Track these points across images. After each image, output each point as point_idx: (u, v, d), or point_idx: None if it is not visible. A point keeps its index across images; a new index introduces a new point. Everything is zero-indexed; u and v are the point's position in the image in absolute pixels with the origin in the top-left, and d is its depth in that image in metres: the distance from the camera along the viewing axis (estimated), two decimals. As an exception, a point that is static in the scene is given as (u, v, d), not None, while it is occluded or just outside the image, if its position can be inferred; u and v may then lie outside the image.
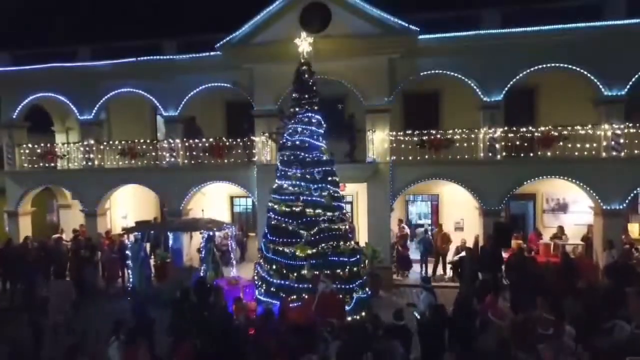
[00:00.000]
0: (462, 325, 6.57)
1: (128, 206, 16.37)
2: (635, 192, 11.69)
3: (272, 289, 8.80)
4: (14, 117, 14.71)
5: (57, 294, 9.42)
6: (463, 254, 11.62)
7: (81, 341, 5.75)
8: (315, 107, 9.48)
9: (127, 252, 11.51)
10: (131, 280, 11.35)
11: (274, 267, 8.87)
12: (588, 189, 11.72)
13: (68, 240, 14.07)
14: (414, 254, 13.90)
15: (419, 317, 7.40)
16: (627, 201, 11.60)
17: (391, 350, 5.72)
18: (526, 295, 8.03)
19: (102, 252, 12.78)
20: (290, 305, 8.11)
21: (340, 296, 8.21)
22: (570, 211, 13.57)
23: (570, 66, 11.63)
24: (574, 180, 11.82)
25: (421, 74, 12.35)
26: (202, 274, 10.76)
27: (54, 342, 8.40)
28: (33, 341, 7.15)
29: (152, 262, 12.53)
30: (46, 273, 12.06)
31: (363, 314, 8.49)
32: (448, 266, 12.53)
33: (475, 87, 12.15)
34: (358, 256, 9.33)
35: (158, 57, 13.50)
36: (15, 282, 11.48)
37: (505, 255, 11.33)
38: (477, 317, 6.99)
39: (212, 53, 12.89)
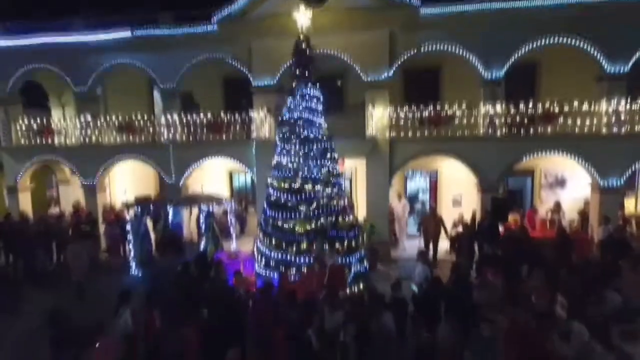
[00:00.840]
0: (459, 295, 6.71)
1: (127, 181, 16.38)
2: (633, 168, 11.73)
3: (271, 263, 8.94)
4: (8, 91, 14.50)
5: (74, 258, 10.27)
6: (460, 229, 11.80)
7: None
8: (314, 83, 9.39)
9: (128, 227, 11.60)
10: (132, 254, 11.49)
11: (273, 241, 8.99)
12: (587, 165, 11.76)
13: (67, 215, 14.16)
14: (412, 228, 14.13)
15: (416, 289, 7.56)
16: (624, 177, 11.67)
17: (381, 326, 5.87)
18: (521, 268, 8.20)
19: (108, 226, 12.85)
20: (290, 278, 8.29)
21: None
22: (568, 187, 13.66)
23: (573, 41, 11.47)
24: (573, 157, 11.83)
25: (422, 48, 12.15)
26: (202, 248, 10.90)
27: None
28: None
29: (152, 236, 12.65)
30: (47, 247, 12.22)
31: (361, 287, 8.69)
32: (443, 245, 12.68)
33: (476, 62, 12.00)
34: (356, 231, 9.45)
35: (154, 30, 13.21)
36: (17, 255, 11.61)
37: (502, 230, 11.51)
38: (474, 289, 7.14)
39: (209, 27, 12.62)
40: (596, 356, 5.23)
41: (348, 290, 8.30)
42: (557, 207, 12.80)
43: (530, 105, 11.80)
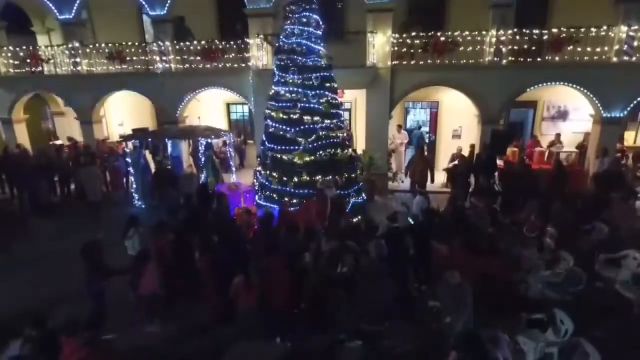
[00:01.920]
0: (454, 225, 6.94)
1: (123, 113, 16.12)
2: (638, 99, 11.48)
3: (271, 194, 9.11)
4: (-12, 16, 13.68)
5: (89, 179, 10.94)
6: (457, 161, 11.87)
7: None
8: (313, 5, 8.80)
9: (127, 159, 11.64)
10: (134, 187, 11.65)
11: (273, 173, 9.07)
12: (591, 95, 11.49)
13: (65, 147, 14.13)
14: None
15: (412, 220, 7.79)
16: (628, 109, 11.47)
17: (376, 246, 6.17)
18: (518, 200, 8.40)
19: (104, 159, 12.86)
20: (290, 209, 8.51)
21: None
22: (569, 119, 13.50)
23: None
24: (579, 87, 11.52)
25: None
26: (202, 181, 11.03)
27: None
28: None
29: (152, 169, 12.74)
30: (49, 180, 12.36)
31: (359, 217, 8.96)
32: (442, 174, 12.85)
33: (487, -18, 11.16)
34: (355, 163, 9.50)
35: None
36: (21, 188, 11.77)
37: (500, 163, 11.60)
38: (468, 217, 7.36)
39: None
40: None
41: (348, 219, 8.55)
42: (557, 138, 12.76)
43: (541, 31, 11.20)
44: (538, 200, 7.93)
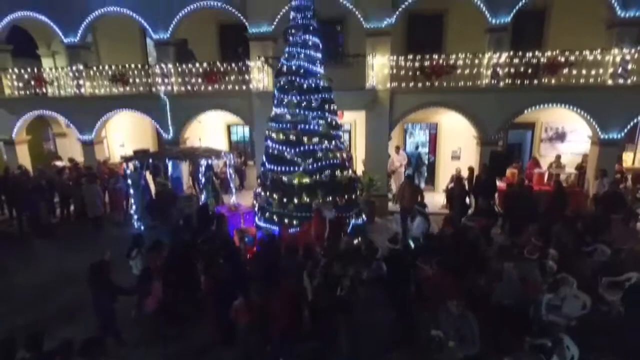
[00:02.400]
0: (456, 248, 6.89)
1: (125, 134, 16.24)
2: (635, 121, 11.60)
3: (271, 215, 9.08)
4: (-6, 39, 13.97)
5: (90, 196, 11.53)
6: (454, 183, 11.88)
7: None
8: (313, 29, 9.00)
9: (128, 180, 11.64)
10: (134, 208, 11.63)
11: (273, 194, 9.06)
12: (589, 117, 11.61)
13: (67, 168, 14.16)
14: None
15: (412, 243, 7.74)
16: (625, 130, 11.57)
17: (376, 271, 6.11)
18: (518, 222, 8.36)
19: (105, 180, 12.89)
20: (289, 231, 8.47)
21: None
22: (567, 140, 13.59)
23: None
24: (575, 109, 11.65)
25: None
26: (202, 202, 11.02)
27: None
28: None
29: (152, 190, 12.74)
30: (49, 201, 12.34)
31: (359, 239, 8.89)
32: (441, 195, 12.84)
33: (482, 7, 11.43)
34: (355, 184, 9.50)
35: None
36: (20, 209, 11.74)
37: (500, 184, 11.62)
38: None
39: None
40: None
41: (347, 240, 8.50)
42: (558, 160, 12.79)
43: (536, 54, 11.42)
44: (538, 221, 7.90)
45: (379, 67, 11.94)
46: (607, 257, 6.77)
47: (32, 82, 14.09)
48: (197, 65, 13.11)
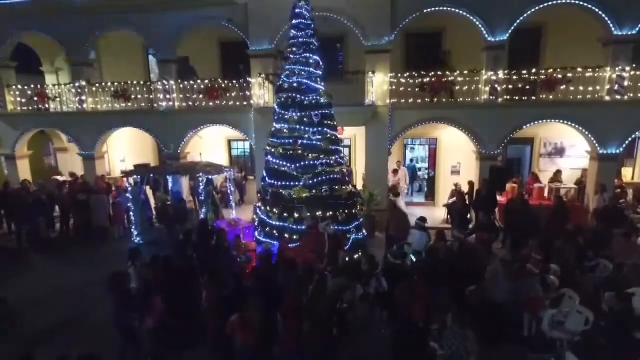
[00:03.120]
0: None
1: (125, 149, 16.31)
2: (633, 136, 11.68)
3: (271, 230, 9.05)
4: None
5: (97, 205, 11.87)
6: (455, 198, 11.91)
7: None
8: (313, 47, 9.14)
9: (128, 195, 11.65)
10: (133, 222, 11.61)
11: (272, 209, 9.06)
12: (587, 132, 11.70)
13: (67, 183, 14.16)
14: (410, 196, 14.27)
15: (413, 258, 7.69)
16: (624, 145, 11.64)
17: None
18: (521, 238, 8.32)
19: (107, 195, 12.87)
20: (289, 245, 8.41)
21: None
22: (566, 155, 13.66)
23: (580, 2, 11.07)
24: (573, 124, 11.74)
25: (425, 10, 11.73)
26: (202, 216, 11.00)
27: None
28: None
29: (152, 204, 12.74)
30: (49, 215, 12.32)
31: (359, 253, 8.84)
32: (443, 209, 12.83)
33: (480, 25, 11.64)
34: (355, 199, 9.50)
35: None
36: (19, 224, 11.71)
37: (500, 199, 11.63)
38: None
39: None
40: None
41: (347, 256, 8.45)
42: (557, 175, 12.81)
43: (533, 70, 11.58)
44: (539, 236, 7.87)
45: (379, 83, 12.09)
46: (609, 272, 6.72)
47: (35, 98, 14.23)
48: (199, 81, 13.26)
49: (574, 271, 6.73)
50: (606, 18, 11.06)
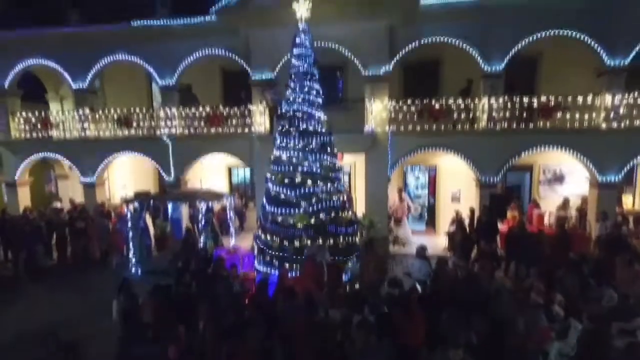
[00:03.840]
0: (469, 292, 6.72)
1: (126, 176, 16.36)
2: (631, 163, 11.74)
3: (271, 258, 8.94)
4: (6, 85, 14.42)
5: (100, 229, 12.13)
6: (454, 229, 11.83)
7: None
8: (314, 76, 9.32)
9: (128, 222, 11.59)
10: (132, 250, 11.48)
11: (272, 237, 8.99)
12: (585, 160, 11.76)
13: (67, 211, 14.13)
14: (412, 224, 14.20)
15: (419, 287, 7.54)
16: (623, 173, 11.67)
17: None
18: (524, 266, 8.20)
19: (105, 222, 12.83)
20: (289, 274, 8.30)
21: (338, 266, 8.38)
22: (566, 182, 13.66)
23: (574, 34, 11.38)
24: (571, 152, 11.82)
25: (422, 41, 12.05)
26: (201, 244, 10.91)
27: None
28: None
29: (151, 232, 12.66)
30: (48, 243, 12.22)
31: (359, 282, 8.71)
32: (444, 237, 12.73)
33: (476, 55, 11.92)
34: (355, 227, 9.44)
35: (152, 21, 13.07)
36: (16, 251, 11.60)
37: (501, 226, 11.56)
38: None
39: (207, 18, 12.50)
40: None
41: (345, 287, 8.31)
42: (565, 204, 12.72)
43: (530, 98, 11.76)
44: (542, 264, 7.77)
45: (378, 111, 12.26)
46: (614, 302, 6.58)
47: (39, 125, 14.40)
48: (201, 109, 13.46)
49: (579, 301, 6.59)
50: (599, 49, 11.34)
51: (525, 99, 11.73)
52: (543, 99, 11.73)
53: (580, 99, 11.44)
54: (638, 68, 11.36)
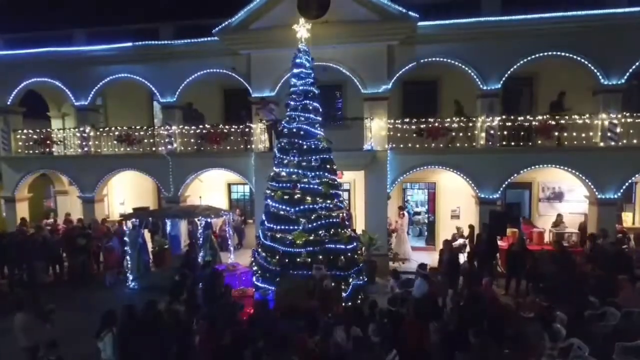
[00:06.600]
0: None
1: (126, 192, 16.36)
2: (630, 181, 11.78)
3: (269, 275, 8.88)
4: (9, 102, 14.58)
5: (108, 252, 11.70)
6: (459, 241, 11.78)
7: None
8: (313, 95, 9.45)
9: (125, 238, 11.53)
10: (129, 267, 11.40)
11: (271, 253, 8.94)
12: (584, 178, 11.81)
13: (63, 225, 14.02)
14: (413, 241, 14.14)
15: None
16: (621, 190, 11.70)
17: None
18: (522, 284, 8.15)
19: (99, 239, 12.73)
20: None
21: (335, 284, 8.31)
22: (565, 200, 13.66)
23: (569, 55, 11.59)
24: (570, 170, 11.88)
25: (420, 60, 12.25)
26: (200, 261, 10.82)
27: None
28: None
29: (150, 248, 12.58)
30: (44, 260, 12.09)
31: (360, 299, 8.63)
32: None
33: (473, 75, 12.10)
34: (355, 244, 9.41)
35: (155, 42, 13.33)
36: (13, 267, 11.48)
37: (501, 243, 11.50)
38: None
39: (209, 38, 12.74)
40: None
41: (345, 305, 8.22)
42: (559, 219, 12.71)
43: (528, 117, 11.89)
44: (543, 282, 7.71)
45: (377, 129, 12.37)
46: (617, 321, 6.52)
47: (40, 142, 14.49)
48: (201, 127, 13.56)
49: (581, 320, 6.52)
50: (594, 69, 11.53)
51: (523, 118, 11.84)
52: (540, 118, 11.85)
53: (577, 118, 11.56)
54: (634, 87, 11.52)
